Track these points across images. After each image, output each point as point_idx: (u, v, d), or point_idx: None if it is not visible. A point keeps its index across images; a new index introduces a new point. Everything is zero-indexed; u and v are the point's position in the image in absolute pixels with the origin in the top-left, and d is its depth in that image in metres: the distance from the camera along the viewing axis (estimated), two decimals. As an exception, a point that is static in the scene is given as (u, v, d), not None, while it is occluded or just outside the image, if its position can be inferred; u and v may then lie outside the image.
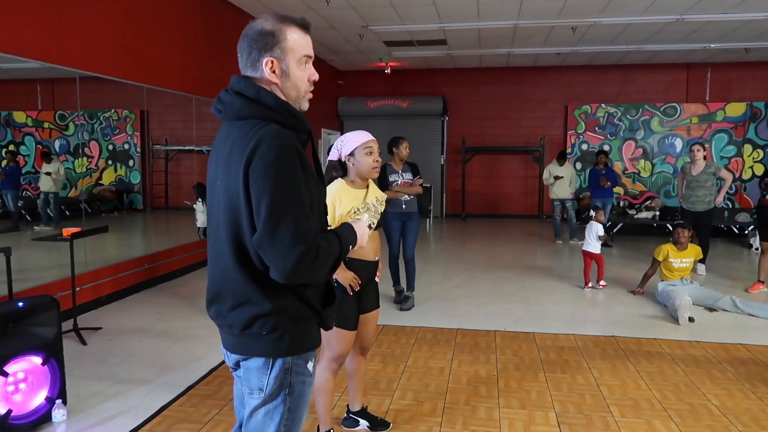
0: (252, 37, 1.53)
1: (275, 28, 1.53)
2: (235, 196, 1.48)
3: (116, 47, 5.56)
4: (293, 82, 1.57)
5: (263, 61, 1.53)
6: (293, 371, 1.59)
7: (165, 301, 5.69)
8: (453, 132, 13.09)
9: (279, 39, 1.52)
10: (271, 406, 1.58)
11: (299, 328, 1.59)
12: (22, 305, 2.96)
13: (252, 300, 1.52)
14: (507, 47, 10.55)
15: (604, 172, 9.12)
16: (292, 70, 1.56)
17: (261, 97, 1.51)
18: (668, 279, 5.63)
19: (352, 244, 1.67)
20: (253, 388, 1.59)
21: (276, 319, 1.53)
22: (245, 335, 1.55)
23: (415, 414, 3.23)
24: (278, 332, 1.54)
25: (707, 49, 10.43)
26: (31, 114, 5.41)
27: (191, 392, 3.49)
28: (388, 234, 5.53)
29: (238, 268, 1.52)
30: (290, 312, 1.55)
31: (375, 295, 2.85)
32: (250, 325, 1.54)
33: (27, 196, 5.44)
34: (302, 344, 1.60)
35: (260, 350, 1.56)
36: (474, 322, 5.01)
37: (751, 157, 11.88)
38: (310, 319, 1.62)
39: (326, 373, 2.73)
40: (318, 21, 8.56)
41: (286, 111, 1.52)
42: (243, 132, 1.48)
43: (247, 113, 1.51)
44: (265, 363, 1.57)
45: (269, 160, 1.41)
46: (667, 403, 3.38)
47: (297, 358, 1.59)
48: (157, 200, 7.34)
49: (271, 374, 1.57)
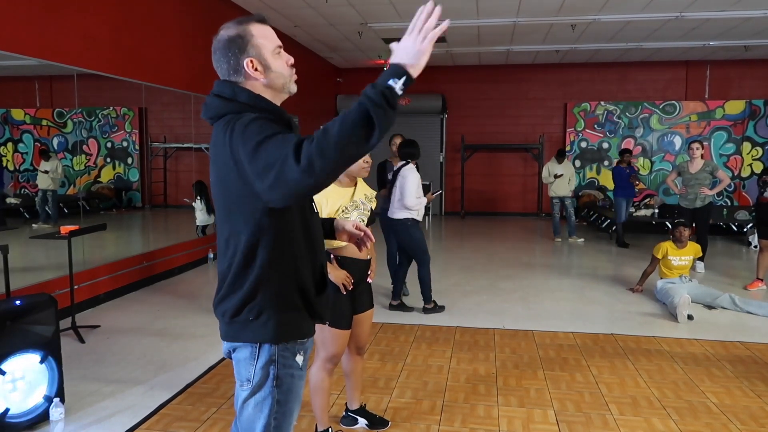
0: (223, 47, 1.61)
1: (239, 30, 1.61)
2: (227, 183, 1.54)
3: (114, 44, 5.54)
4: (276, 72, 1.64)
5: (243, 63, 1.60)
6: (279, 362, 1.63)
7: (163, 299, 5.68)
8: (452, 130, 13.08)
9: (247, 39, 1.60)
10: (260, 398, 1.63)
11: (286, 316, 1.63)
12: (20, 303, 2.95)
13: (240, 286, 1.59)
14: (506, 45, 10.54)
15: (628, 170, 9.10)
16: (271, 62, 1.63)
17: (236, 95, 1.59)
18: (667, 277, 5.63)
19: (398, 78, 1.30)
20: (242, 380, 1.65)
21: (262, 303, 1.59)
22: (235, 322, 1.62)
23: (414, 412, 3.23)
24: (263, 317, 1.60)
25: (706, 47, 10.42)
26: (30, 111, 5.40)
27: (189, 391, 3.48)
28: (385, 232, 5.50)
29: (230, 255, 1.60)
30: (276, 298, 1.60)
31: (368, 295, 2.86)
32: (239, 311, 1.60)
33: (25, 193, 5.43)
34: (289, 332, 1.64)
35: (247, 336, 1.62)
36: (473, 320, 5.01)
37: (750, 154, 11.88)
38: (299, 308, 1.65)
39: (321, 373, 2.72)
40: (316, 18, 8.54)
41: (260, 105, 1.59)
42: (221, 127, 1.56)
43: (224, 111, 1.59)
44: (252, 353, 1.62)
45: (241, 129, 1.46)
46: (666, 401, 3.38)
47: (283, 349, 1.63)
48: (155, 198, 7.33)
49: (257, 364, 1.62)
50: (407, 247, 5.10)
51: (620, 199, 9.06)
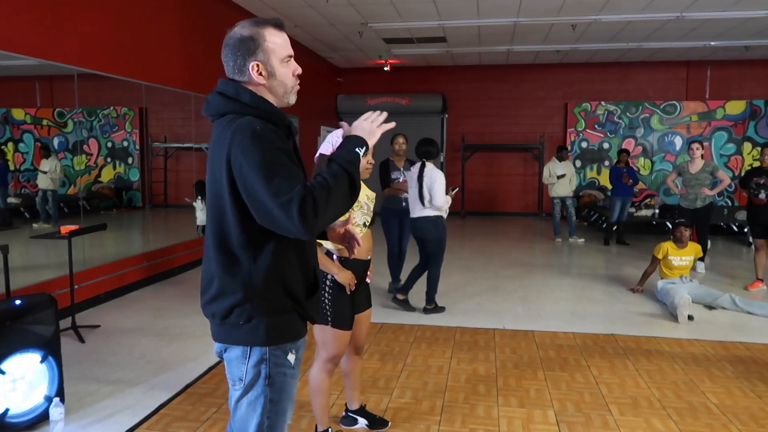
0: (233, 45, 1.61)
1: (253, 32, 1.60)
2: (219, 185, 1.55)
3: (114, 44, 5.54)
4: (280, 80, 1.65)
5: (249, 65, 1.60)
6: (271, 362, 1.63)
7: (163, 299, 5.68)
8: (452, 130, 13.07)
9: (259, 42, 1.60)
10: (252, 397, 1.64)
11: (277, 319, 1.63)
12: (20, 303, 2.95)
13: (229, 290, 1.59)
14: (507, 45, 10.53)
15: (625, 170, 9.12)
16: (277, 70, 1.64)
17: (239, 95, 1.60)
18: (668, 277, 5.63)
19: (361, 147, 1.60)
20: (234, 379, 1.65)
21: (251, 309, 1.59)
22: (225, 324, 1.63)
23: (414, 412, 3.23)
24: (253, 322, 1.60)
25: (707, 47, 10.41)
26: (30, 111, 5.40)
27: (189, 391, 3.48)
28: (386, 231, 5.49)
29: (218, 257, 1.60)
30: (265, 303, 1.60)
31: (367, 295, 2.86)
32: (228, 314, 1.61)
33: (25, 193, 5.43)
34: (280, 335, 1.64)
35: (238, 339, 1.63)
36: (473, 320, 5.00)
37: (750, 155, 11.87)
38: (289, 311, 1.65)
39: (322, 374, 2.71)
40: (317, 18, 8.54)
41: (261, 107, 1.60)
42: (221, 126, 1.58)
43: (226, 109, 1.60)
44: (243, 353, 1.63)
45: (245, 143, 1.48)
46: (666, 402, 3.38)
47: (275, 349, 1.64)
48: (156, 198, 7.33)
49: (248, 364, 1.63)
50: (433, 245, 5.02)
51: (615, 198, 9.09)
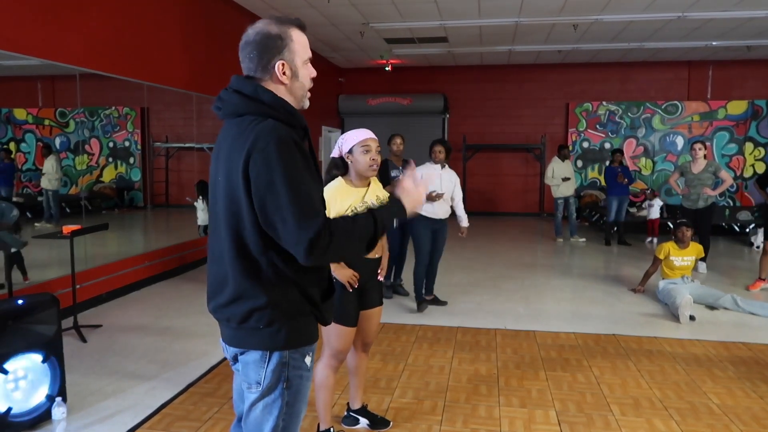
0: (259, 41, 1.57)
1: (281, 31, 1.57)
2: (236, 190, 1.51)
3: (116, 44, 5.55)
4: (301, 82, 1.63)
5: (275, 64, 1.57)
6: (290, 365, 1.61)
7: (165, 298, 5.69)
8: (454, 130, 13.06)
9: (286, 42, 1.58)
10: (269, 400, 1.61)
11: (296, 323, 1.61)
12: (22, 303, 2.96)
13: (248, 294, 1.55)
14: (508, 45, 10.53)
15: (620, 169, 9.12)
16: (300, 71, 1.62)
17: (259, 94, 1.54)
18: (669, 277, 5.62)
19: (398, 217, 1.65)
20: (251, 382, 1.62)
21: (272, 313, 1.56)
22: (242, 329, 1.59)
23: (415, 412, 3.23)
24: (275, 326, 1.57)
25: (709, 47, 10.40)
26: (32, 111, 5.41)
27: (191, 390, 3.49)
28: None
29: (236, 261, 1.55)
30: (286, 306, 1.57)
31: (378, 292, 2.86)
32: (247, 318, 1.56)
33: (27, 193, 5.43)
34: (299, 339, 1.62)
35: (257, 344, 1.59)
36: (474, 321, 5.00)
37: (752, 155, 11.86)
38: (307, 314, 1.63)
39: (326, 370, 2.73)
40: (318, 18, 8.54)
41: (282, 108, 1.56)
42: (241, 128, 1.52)
43: (245, 110, 1.55)
44: (263, 356, 1.59)
45: (269, 152, 1.45)
46: (668, 402, 3.38)
47: (294, 352, 1.62)
48: (157, 198, 7.34)
49: (268, 367, 1.59)
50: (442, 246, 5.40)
51: (611, 198, 9.11)
